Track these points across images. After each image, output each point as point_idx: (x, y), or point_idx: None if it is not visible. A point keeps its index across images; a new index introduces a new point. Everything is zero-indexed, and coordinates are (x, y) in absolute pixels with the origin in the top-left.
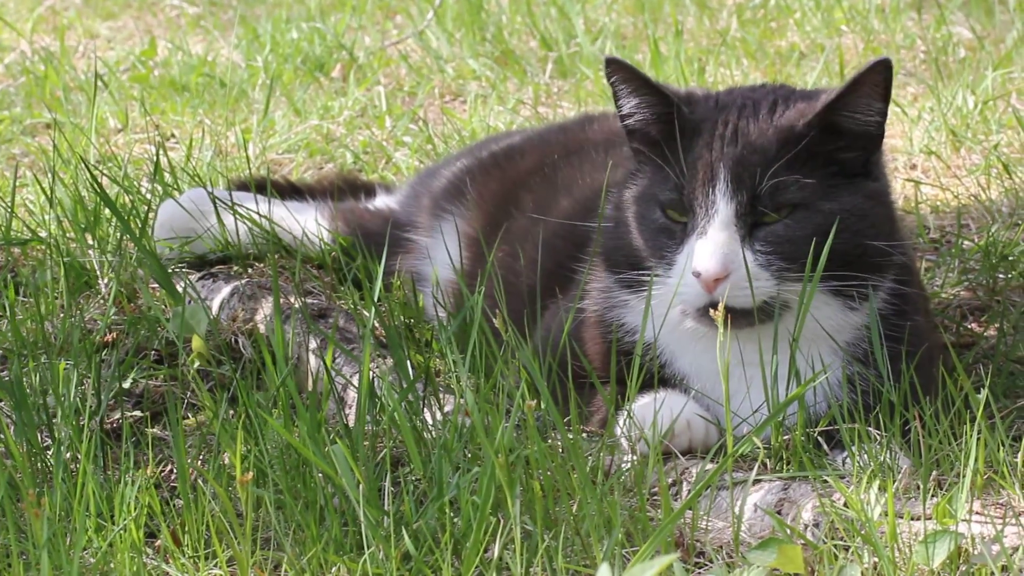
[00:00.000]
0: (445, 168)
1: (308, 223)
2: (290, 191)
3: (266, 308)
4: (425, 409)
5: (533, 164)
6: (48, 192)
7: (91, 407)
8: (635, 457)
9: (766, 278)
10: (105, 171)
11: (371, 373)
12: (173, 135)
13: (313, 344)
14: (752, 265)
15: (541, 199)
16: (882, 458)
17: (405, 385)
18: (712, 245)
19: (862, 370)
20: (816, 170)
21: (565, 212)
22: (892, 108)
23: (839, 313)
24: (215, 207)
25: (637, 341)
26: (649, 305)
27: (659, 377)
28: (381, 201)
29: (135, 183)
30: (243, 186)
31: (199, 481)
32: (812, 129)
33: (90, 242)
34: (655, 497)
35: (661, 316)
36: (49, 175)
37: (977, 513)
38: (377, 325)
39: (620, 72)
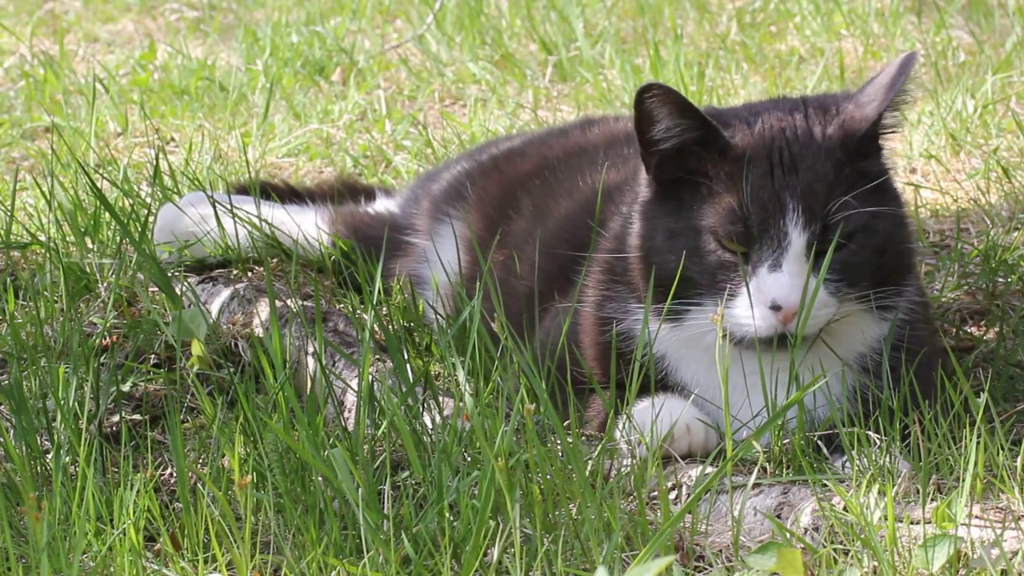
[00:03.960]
0: (445, 171)
1: (308, 227)
2: (290, 195)
3: (265, 312)
4: (424, 413)
5: (533, 167)
6: (48, 196)
7: (90, 411)
8: (634, 461)
9: (833, 304)
10: (105, 175)
11: (370, 377)
12: (173, 139)
13: (312, 347)
14: (822, 293)
15: (541, 202)
16: (881, 462)
17: (404, 389)
18: (789, 278)
19: (869, 381)
20: (861, 186)
21: (565, 215)
22: None
23: (872, 327)
24: (215, 211)
25: (637, 347)
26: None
27: (660, 385)
28: (381, 205)
29: (135, 187)
30: (243, 190)
31: (198, 485)
32: (866, 139)
33: (90, 246)
34: (654, 501)
35: (697, 344)
36: (49, 179)
37: (976, 517)
38: (377, 329)
39: (660, 96)
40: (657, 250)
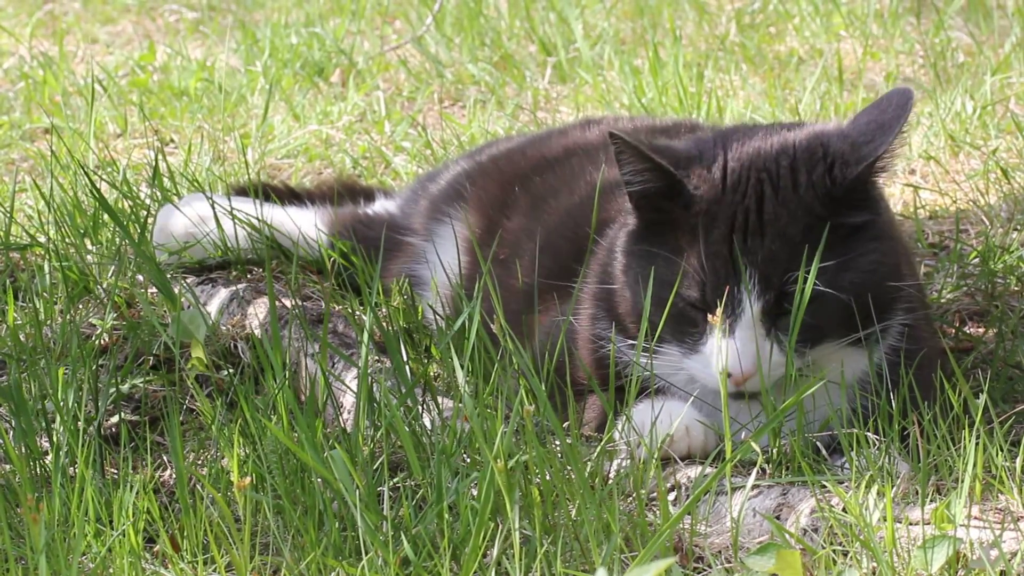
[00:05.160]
0: (444, 172)
1: (307, 228)
2: (289, 196)
3: (261, 311)
4: (424, 414)
5: (532, 165)
6: (47, 197)
7: (89, 412)
8: (634, 462)
9: (792, 360)
10: (104, 176)
11: (369, 378)
12: (172, 140)
13: (312, 349)
14: (778, 354)
15: (541, 201)
16: (881, 463)
17: (404, 390)
18: (741, 345)
19: (870, 396)
20: (834, 242)
21: (565, 213)
22: None
23: (860, 358)
24: (214, 212)
25: (631, 360)
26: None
27: (659, 388)
28: (380, 206)
29: (134, 188)
30: (242, 191)
31: (198, 486)
32: (856, 183)
33: (89, 247)
34: (653, 502)
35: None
36: (48, 180)
37: (975, 518)
38: (376, 330)
39: (621, 145)
40: (634, 292)
